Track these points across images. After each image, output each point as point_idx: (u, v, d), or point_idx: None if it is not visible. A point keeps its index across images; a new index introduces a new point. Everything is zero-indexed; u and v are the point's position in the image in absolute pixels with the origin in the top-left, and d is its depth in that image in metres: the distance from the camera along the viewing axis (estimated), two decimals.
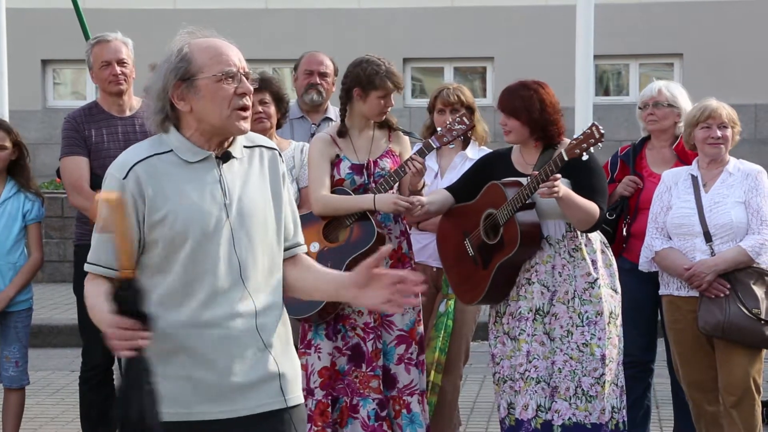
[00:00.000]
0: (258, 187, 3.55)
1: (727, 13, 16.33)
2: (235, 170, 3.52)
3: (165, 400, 3.36)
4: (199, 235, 3.42)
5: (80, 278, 6.33)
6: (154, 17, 16.11)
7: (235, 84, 3.45)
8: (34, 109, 16.88)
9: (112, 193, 3.31)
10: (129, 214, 3.36)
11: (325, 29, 16.26)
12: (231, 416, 3.47)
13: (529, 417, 5.51)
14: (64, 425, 7.49)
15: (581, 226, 5.49)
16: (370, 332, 5.79)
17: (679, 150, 6.33)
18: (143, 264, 3.48)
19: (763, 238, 5.69)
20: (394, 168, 5.81)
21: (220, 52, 3.47)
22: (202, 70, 3.44)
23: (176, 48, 3.49)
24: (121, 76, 6.33)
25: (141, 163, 3.45)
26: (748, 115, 15.28)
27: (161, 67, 3.49)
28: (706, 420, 5.92)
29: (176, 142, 3.50)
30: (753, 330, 5.64)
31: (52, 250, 12.38)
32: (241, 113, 3.46)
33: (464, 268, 5.76)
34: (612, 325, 5.58)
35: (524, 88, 5.59)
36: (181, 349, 3.44)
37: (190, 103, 3.47)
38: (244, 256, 3.47)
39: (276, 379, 3.52)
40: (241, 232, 3.47)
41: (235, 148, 3.54)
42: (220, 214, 3.46)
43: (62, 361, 9.48)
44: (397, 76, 5.84)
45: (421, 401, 5.89)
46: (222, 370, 3.45)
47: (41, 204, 6.45)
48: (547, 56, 15.08)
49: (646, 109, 6.42)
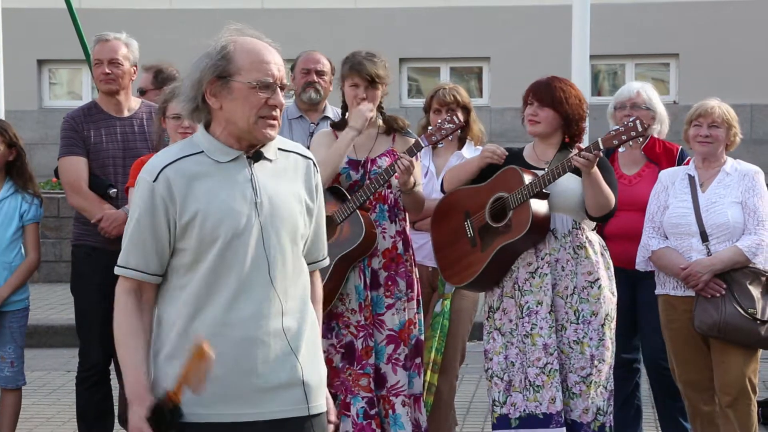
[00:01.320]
0: (290, 189, 3.54)
1: (723, 13, 16.34)
2: (268, 170, 3.52)
3: (186, 399, 3.36)
4: (230, 234, 3.42)
5: (77, 278, 6.41)
6: (151, 17, 16.11)
7: (268, 94, 3.45)
8: (30, 109, 16.87)
9: (206, 346, 3.27)
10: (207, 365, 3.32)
11: (321, 29, 16.25)
12: (252, 419, 3.44)
13: (557, 410, 5.49)
14: (60, 425, 7.49)
15: (597, 210, 5.50)
16: (360, 330, 5.78)
17: (647, 150, 6.35)
18: (173, 265, 3.48)
19: (759, 238, 5.70)
20: (388, 166, 5.79)
21: (261, 59, 3.47)
22: (240, 73, 3.44)
23: (221, 44, 3.48)
24: (111, 76, 6.31)
25: (170, 166, 3.45)
26: (744, 115, 15.23)
27: (201, 59, 3.48)
28: (701, 420, 5.93)
29: (206, 143, 3.50)
30: (749, 330, 5.65)
31: (48, 250, 12.37)
32: (268, 121, 3.46)
33: (458, 248, 5.74)
34: (606, 328, 5.58)
35: (559, 81, 5.64)
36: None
37: (221, 102, 3.47)
38: (273, 256, 3.46)
39: (300, 385, 3.49)
40: (271, 231, 3.47)
41: (268, 150, 3.53)
42: (251, 213, 3.45)
43: (58, 361, 9.48)
44: (366, 67, 5.79)
45: (407, 403, 5.84)
46: (245, 372, 3.43)
47: (39, 205, 6.44)
48: (543, 56, 15.07)
49: (622, 110, 6.41)
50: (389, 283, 5.83)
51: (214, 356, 3.29)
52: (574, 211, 5.58)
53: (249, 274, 3.44)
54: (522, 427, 5.52)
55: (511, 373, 5.57)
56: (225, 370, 3.41)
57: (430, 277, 6.32)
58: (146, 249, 3.46)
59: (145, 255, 3.46)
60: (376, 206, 5.85)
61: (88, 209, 6.25)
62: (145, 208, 3.45)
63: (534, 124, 5.61)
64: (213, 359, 3.28)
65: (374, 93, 5.85)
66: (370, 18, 16.54)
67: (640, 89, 6.46)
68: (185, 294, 3.45)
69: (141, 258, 3.46)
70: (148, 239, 3.46)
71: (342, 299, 5.77)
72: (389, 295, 5.83)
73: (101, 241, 6.20)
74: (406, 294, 5.85)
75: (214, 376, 3.36)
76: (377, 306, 5.82)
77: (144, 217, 3.46)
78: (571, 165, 5.40)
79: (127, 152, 6.28)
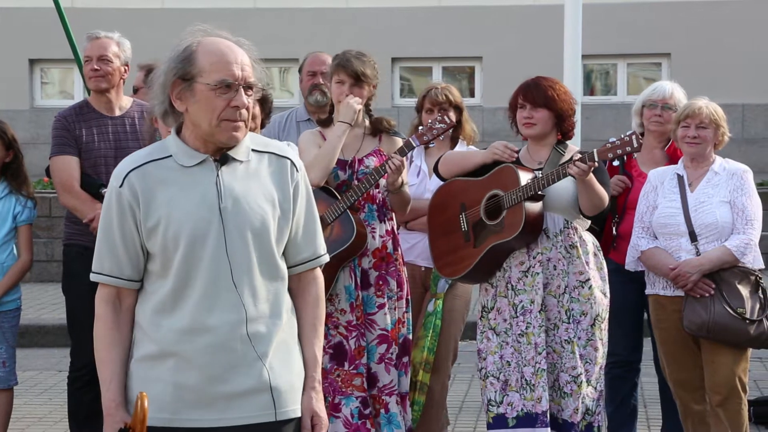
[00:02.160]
0: (261, 191, 3.48)
1: (714, 13, 16.37)
2: (238, 173, 3.47)
3: (152, 404, 3.34)
4: (191, 240, 3.39)
5: (69, 278, 6.40)
6: (142, 16, 16.10)
7: (231, 96, 3.39)
8: (22, 109, 16.85)
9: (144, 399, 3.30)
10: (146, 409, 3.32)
11: (313, 28, 16.26)
12: (218, 425, 3.43)
13: (543, 409, 5.50)
14: (52, 425, 7.48)
15: (592, 210, 5.54)
16: (352, 330, 5.78)
17: (671, 152, 6.34)
18: (148, 270, 3.48)
19: (748, 237, 5.71)
20: (377, 166, 5.79)
21: (222, 60, 3.40)
22: (201, 75, 3.39)
23: (184, 45, 3.45)
24: (99, 73, 6.30)
25: (135, 171, 3.44)
26: (735, 115, 15.32)
27: (167, 61, 3.46)
28: (692, 419, 5.93)
29: (175, 147, 3.47)
30: (738, 329, 5.65)
31: (39, 249, 12.34)
32: (233, 124, 3.40)
33: (452, 240, 5.75)
34: (596, 328, 5.59)
35: (546, 80, 5.67)
36: (170, 354, 3.42)
37: (186, 104, 3.43)
38: (237, 260, 3.42)
39: (267, 391, 3.46)
40: (235, 235, 3.42)
41: (238, 151, 3.48)
42: (212, 217, 3.41)
43: (50, 360, 9.47)
44: (353, 65, 5.80)
45: (400, 402, 5.86)
46: (210, 377, 3.41)
47: (33, 207, 6.43)
48: (535, 56, 15.08)
49: (653, 109, 6.37)
50: (380, 283, 5.84)
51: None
52: (567, 211, 5.60)
53: (213, 280, 3.41)
54: (519, 426, 5.54)
55: (507, 372, 5.58)
56: (191, 376, 3.41)
57: (422, 276, 6.32)
58: (118, 254, 3.47)
59: (118, 260, 3.47)
60: (365, 206, 5.85)
61: (80, 208, 6.25)
62: (114, 213, 3.46)
63: (530, 127, 5.63)
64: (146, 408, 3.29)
65: (360, 91, 5.85)
66: (362, 17, 16.54)
67: (674, 90, 6.38)
68: (155, 300, 3.46)
69: (114, 263, 3.47)
70: (119, 244, 3.46)
71: (331, 300, 5.77)
72: (380, 295, 5.83)
73: (93, 241, 6.13)
74: (396, 293, 5.86)
75: (180, 383, 3.39)
76: (368, 306, 5.82)
77: (113, 223, 3.46)
78: (566, 172, 5.42)
79: (119, 151, 6.26)
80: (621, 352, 6.25)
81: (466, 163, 5.80)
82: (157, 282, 3.46)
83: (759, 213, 5.80)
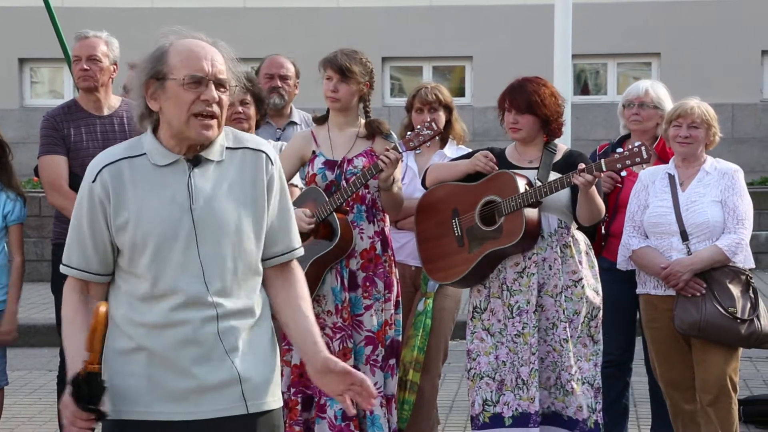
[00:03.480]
0: (234, 189, 3.49)
1: (704, 13, 16.40)
2: (210, 173, 3.47)
3: (125, 398, 3.40)
4: (160, 240, 3.41)
5: (58, 277, 6.28)
6: (132, 16, 16.08)
7: (200, 90, 3.40)
8: (11, 108, 16.82)
9: (103, 307, 3.36)
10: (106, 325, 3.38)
11: (303, 28, 16.26)
12: (191, 418, 3.45)
13: (536, 409, 5.51)
14: (42, 425, 7.47)
15: (588, 220, 5.56)
16: (337, 332, 5.76)
17: (659, 149, 6.35)
18: (118, 264, 3.50)
19: (739, 237, 5.71)
20: (367, 166, 5.77)
21: (192, 56, 3.43)
22: (172, 72, 3.41)
23: (157, 45, 3.47)
24: (89, 72, 6.30)
25: (109, 167, 3.45)
26: (725, 114, 15.35)
27: (141, 62, 3.47)
28: (683, 418, 5.94)
29: (149, 145, 3.48)
30: (729, 329, 5.66)
31: (29, 249, 12.31)
32: (202, 120, 3.41)
33: (444, 244, 5.75)
34: (585, 325, 5.61)
35: (531, 83, 5.65)
36: (143, 348, 3.44)
37: (160, 103, 3.44)
38: (209, 260, 3.44)
39: (237, 384, 3.48)
40: (207, 235, 3.43)
41: (212, 151, 3.49)
42: (182, 218, 3.42)
43: (40, 360, 9.45)
44: (339, 60, 5.79)
45: (386, 404, 5.84)
46: (182, 372, 3.44)
47: (23, 204, 6.40)
48: (525, 55, 15.10)
49: (631, 108, 6.43)
50: (367, 284, 5.82)
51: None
52: (562, 213, 5.62)
53: (183, 279, 3.42)
54: (515, 425, 5.56)
55: (503, 372, 5.60)
56: (161, 370, 3.43)
57: (412, 275, 6.32)
58: (87, 249, 3.48)
59: (86, 255, 3.48)
60: (354, 207, 5.83)
61: (69, 208, 6.19)
62: (85, 208, 3.47)
63: (516, 131, 5.65)
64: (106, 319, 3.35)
65: (347, 87, 5.83)
66: (352, 17, 16.55)
67: (649, 88, 6.44)
68: (126, 295, 3.47)
69: (82, 258, 3.48)
70: (87, 240, 3.47)
71: (318, 301, 5.76)
72: (367, 296, 5.82)
73: None
74: (384, 295, 5.84)
75: (153, 377, 3.43)
76: (355, 307, 5.81)
77: (84, 218, 3.47)
78: (570, 182, 5.42)
79: None
80: (613, 351, 6.25)
81: (449, 175, 5.81)
82: (128, 278, 3.48)
83: (750, 213, 5.81)
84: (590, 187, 5.42)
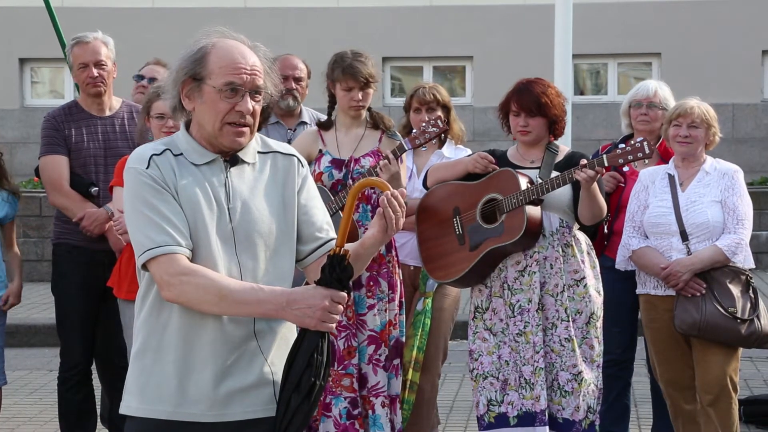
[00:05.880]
0: (267, 194, 3.49)
1: (705, 12, 16.39)
2: (245, 175, 3.48)
3: (154, 397, 3.37)
4: (203, 237, 3.39)
5: (58, 277, 6.39)
6: (132, 16, 16.08)
7: (236, 100, 3.39)
8: (12, 108, 16.82)
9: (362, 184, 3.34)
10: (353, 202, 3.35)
11: (303, 28, 16.26)
12: (220, 420, 3.43)
13: (542, 408, 5.51)
14: (42, 425, 7.47)
15: (589, 220, 5.57)
16: (341, 330, 5.77)
17: (662, 149, 6.35)
18: None
19: (739, 237, 5.71)
20: (373, 166, 5.78)
21: (233, 64, 3.41)
22: (210, 77, 3.39)
23: (199, 45, 3.45)
24: (99, 79, 6.30)
25: (158, 156, 3.41)
26: (725, 114, 15.35)
27: (181, 58, 3.45)
28: (683, 418, 5.94)
29: (185, 144, 3.47)
30: (729, 329, 5.66)
31: (30, 249, 12.33)
32: (236, 129, 3.41)
33: (445, 243, 5.76)
34: (591, 326, 5.61)
35: (538, 85, 5.66)
36: (174, 347, 3.40)
37: (194, 104, 3.44)
38: (245, 261, 3.43)
39: (269, 386, 3.46)
40: (243, 236, 3.43)
41: (246, 153, 3.49)
42: (223, 218, 3.42)
43: (40, 360, 9.46)
44: (360, 70, 5.80)
45: (389, 404, 5.84)
46: (215, 373, 3.41)
47: (15, 202, 6.42)
48: (525, 55, 15.11)
49: (639, 108, 6.42)
50: (371, 284, 5.83)
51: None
52: (563, 212, 5.63)
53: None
54: (520, 425, 5.56)
55: (506, 372, 5.60)
56: (194, 370, 3.40)
57: (411, 275, 6.32)
58: (173, 225, 3.34)
59: (166, 232, 3.34)
60: (359, 206, 5.85)
61: (70, 208, 6.24)
62: (148, 192, 3.36)
63: (526, 134, 5.65)
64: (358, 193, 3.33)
65: (368, 93, 5.89)
66: (352, 17, 16.54)
67: (658, 88, 6.44)
68: (158, 295, 3.43)
69: (166, 235, 3.34)
70: (170, 216, 3.35)
71: None
72: (371, 296, 5.83)
73: (82, 240, 6.19)
74: (387, 295, 5.85)
75: (183, 376, 3.38)
76: (359, 306, 5.82)
77: (152, 201, 3.35)
78: (572, 177, 5.43)
79: (108, 151, 6.27)
80: (615, 350, 6.26)
81: (450, 176, 5.82)
82: None
83: (750, 213, 5.82)
84: (592, 183, 5.42)
